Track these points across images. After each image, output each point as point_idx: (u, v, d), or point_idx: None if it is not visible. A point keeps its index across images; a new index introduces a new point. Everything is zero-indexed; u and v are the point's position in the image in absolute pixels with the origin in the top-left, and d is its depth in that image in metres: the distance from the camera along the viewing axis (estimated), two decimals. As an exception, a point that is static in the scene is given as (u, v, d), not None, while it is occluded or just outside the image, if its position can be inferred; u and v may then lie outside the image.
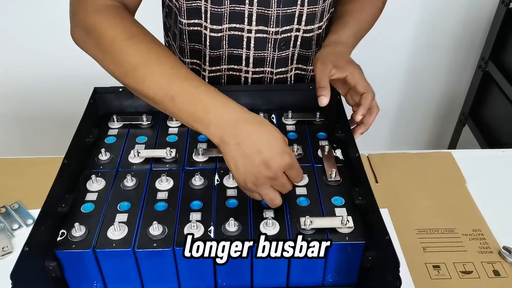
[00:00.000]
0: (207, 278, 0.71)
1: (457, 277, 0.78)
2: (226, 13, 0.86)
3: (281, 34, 0.90)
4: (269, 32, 0.89)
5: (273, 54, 0.93)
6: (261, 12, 0.86)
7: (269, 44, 0.91)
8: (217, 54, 0.93)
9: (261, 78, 0.97)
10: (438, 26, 1.89)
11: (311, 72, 1.00)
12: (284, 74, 0.97)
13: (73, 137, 0.80)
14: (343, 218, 0.68)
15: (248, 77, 0.96)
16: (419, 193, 0.94)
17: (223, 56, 0.93)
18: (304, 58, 0.97)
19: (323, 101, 0.81)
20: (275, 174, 0.65)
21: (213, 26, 0.88)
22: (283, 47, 0.92)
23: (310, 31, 0.92)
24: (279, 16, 0.87)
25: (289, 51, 0.94)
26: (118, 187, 0.76)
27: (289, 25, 0.89)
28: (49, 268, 0.66)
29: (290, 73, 0.98)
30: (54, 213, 0.69)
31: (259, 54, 0.93)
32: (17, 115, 1.90)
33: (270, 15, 0.86)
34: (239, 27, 0.88)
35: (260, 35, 0.89)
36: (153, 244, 0.66)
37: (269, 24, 0.88)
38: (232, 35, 0.89)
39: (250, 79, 0.96)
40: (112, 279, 0.70)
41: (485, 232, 0.86)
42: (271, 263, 0.69)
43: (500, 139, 1.80)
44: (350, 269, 0.71)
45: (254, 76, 0.96)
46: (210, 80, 0.97)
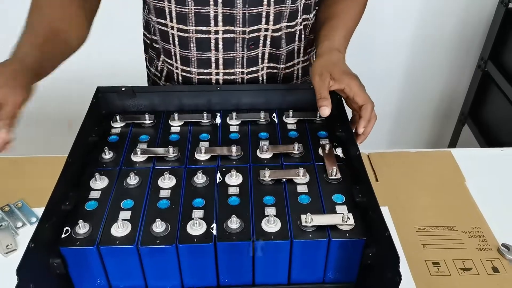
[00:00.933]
0: (209, 275, 0.71)
1: (456, 273, 0.79)
2: (191, 14, 0.87)
3: (249, 34, 0.91)
4: (236, 32, 0.90)
5: (242, 54, 0.94)
6: (227, 13, 0.87)
7: (237, 44, 0.92)
8: (187, 55, 0.94)
9: (232, 79, 0.98)
10: (438, 26, 1.90)
11: (283, 70, 1.00)
12: (255, 73, 0.98)
13: (77, 136, 0.81)
14: (344, 216, 0.69)
15: (219, 78, 0.97)
16: (419, 191, 0.95)
17: (193, 59, 0.94)
18: (275, 56, 0.97)
19: (325, 112, 0.82)
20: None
21: (180, 26, 0.90)
22: (251, 46, 0.93)
23: (278, 30, 0.92)
24: (245, 16, 0.88)
25: (258, 51, 0.95)
26: (121, 185, 0.77)
27: (256, 25, 0.90)
28: (53, 265, 0.67)
29: (261, 72, 0.98)
30: (58, 211, 0.70)
31: (229, 55, 0.94)
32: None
33: (235, 15, 0.87)
34: (206, 29, 0.90)
35: (227, 36, 0.91)
36: (156, 241, 0.67)
37: (236, 24, 0.89)
38: (199, 38, 0.91)
39: (221, 80, 0.97)
40: (115, 276, 0.71)
41: (484, 229, 0.87)
42: (272, 260, 0.70)
43: (499, 138, 1.81)
44: (350, 266, 0.72)
45: (225, 77, 0.97)
46: (183, 79, 0.98)
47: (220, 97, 0.95)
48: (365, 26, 1.82)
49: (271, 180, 0.77)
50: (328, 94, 0.83)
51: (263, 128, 0.91)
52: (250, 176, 0.79)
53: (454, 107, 2.11)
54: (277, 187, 0.76)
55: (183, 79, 0.98)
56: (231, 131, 0.90)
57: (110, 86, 0.92)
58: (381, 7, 1.82)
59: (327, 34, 0.94)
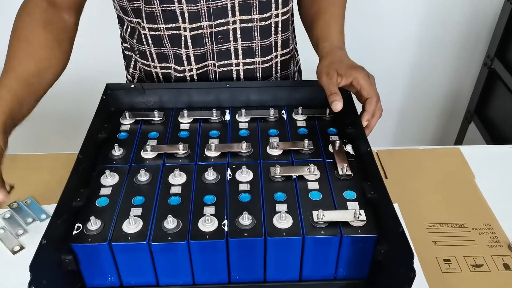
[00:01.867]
0: (220, 272, 0.71)
1: (467, 270, 0.79)
2: (158, 13, 0.88)
3: (216, 28, 0.91)
4: (203, 27, 0.90)
5: (212, 47, 0.94)
6: (192, 9, 0.87)
7: (206, 39, 0.92)
8: (162, 52, 0.95)
9: (205, 72, 0.98)
10: (443, 24, 1.89)
11: (260, 64, 1.00)
12: (227, 67, 0.98)
13: (87, 133, 0.81)
14: (356, 212, 0.69)
15: (193, 74, 0.97)
16: (429, 188, 0.95)
17: (169, 54, 0.95)
18: (248, 50, 0.97)
19: (337, 106, 0.82)
20: None
21: (151, 25, 0.91)
22: (220, 40, 0.93)
23: (249, 21, 0.92)
24: (210, 10, 0.88)
25: (230, 45, 0.94)
26: (132, 182, 0.77)
27: (223, 18, 0.90)
28: (65, 261, 0.66)
29: (236, 67, 0.98)
30: (70, 207, 0.70)
31: (198, 51, 0.94)
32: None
33: (200, 10, 0.88)
34: (176, 26, 0.90)
35: (195, 32, 0.91)
36: (168, 237, 0.67)
37: (201, 19, 0.89)
38: (172, 34, 0.91)
39: (195, 76, 0.98)
40: (127, 273, 0.71)
41: (494, 226, 0.87)
42: (284, 257, 0.70)
43: (506, 136, 1.80)
44: (362, 262, 0.71)
45: (199, 72, 0.97)
46: (163, 76, 1.00)
47: (229, 94, 0.94)
48: (371, 24, 1.83)
49: (282, 176, 0.77)
50: (337, 90, 0.83)
51: (272, 125, 0.90)
52: (260, 172, 0.79)
53: (460, 105, 2.10)
54: (288, 184, 0.76)
55: (163, 77, 0.99)
56: (240, 128, 0.89)
57: (119, 83, 0.93)
58: (388, 5, 1.82)
59: (322, 34, 0.94)
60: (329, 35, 0.93)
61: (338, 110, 0.82)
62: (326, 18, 0.95)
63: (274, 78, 1.03)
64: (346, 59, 0.89)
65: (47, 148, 0.98)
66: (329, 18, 0.95)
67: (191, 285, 0.73)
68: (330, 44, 0.92)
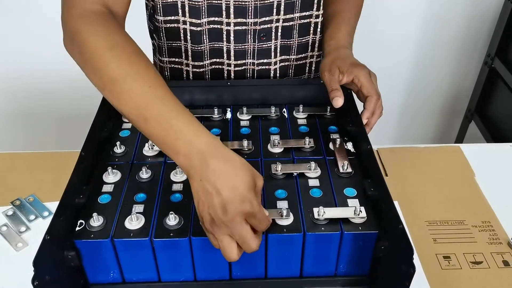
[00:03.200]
0: (222, 268, 0.72)
1: (467, 267, 0.79)
2: (204, 7, 0.87)
3: (260, 25, 0.91)
4: (248, 24, 0.90)
5: (253, 45, 0.94)
6: (238, 4, 0.88)
7: (248, 36, 0.92)
8: (199, 49, 0.94)
9: (243, 70, 0.98)
10: (444, 23, 1.90)
11: (294, 62, 1.01)
12: (266, 65, 0.98)
13: (89, 131, 0.81)
14: (356, 209, 0.69)
15: (230, 70, 0.97)
16: (429, 186, 0.95)
17: (205, 50, 0.94)
18: (286, 48, 0.97)
19: (338, 102, 0.82)
20: (232, 220, 0.58)
21: (192, 20, 0.89)
22: (263, 38, 0.94)
23: (290, 20, 0.93)
24: (257, 7, 0.88)
25: (271, 43, 0.95)
26: (134, 179, 0.77)
27: (267, 16, 0.90)
28: (68, 257, 0.67)
29: (274, 66, 0.99)
30: (72, 204, 0.71)
31: (240, 47, 0.94)
32: (30, 113, 1.93)
33: (247, 6, 0.88)
34: (218, 20, 0.90)
35: (239, 28, 0.91)
36: (170, 234, 0.67)
37: (247, 15, 0.89)
38: (212, 28, 0.91)
39: (232, 72, 0.98)
40: (128, 269, 0.71)
41: (494, 223, 0.87)
42: (285, 253, 0.70)
43: (506, 135, 1.81)
44: (362, 259, 0.72)
45: (236, 69, 0.97)
46: (194, 75, 0.98)
47: (230, 92, 0.95)
48: (372, 22, 1.83)
49: (283, 174, 0.78)
50: (339, 86, 0.84)
51: (273, 123, 0.91)
52: (261, 170, 0.79)
53: (460, 104, 2.11)
54: (289, 181, 0.77)
55: (194, 75, 0.98)
56: (241, 126, 0.90)
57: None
58: (389, 4, 1.83)
59: (331, 33, 0.95)
60: (337, 34, 0.94)
61: (338, 106, 0.82)
62: (338, 21, 0.97)
63: (307, 77, 1.05)
64: (350, 57, 0.90)
65: (49, 146, 0.99)
66: (340, 21, 0.96)
67: (193, 282, 0.73)
68: (336, 42, 0.93)
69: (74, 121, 1.68)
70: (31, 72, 1.85)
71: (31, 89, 1.88)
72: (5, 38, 1.76)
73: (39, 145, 1.98)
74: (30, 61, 1.83)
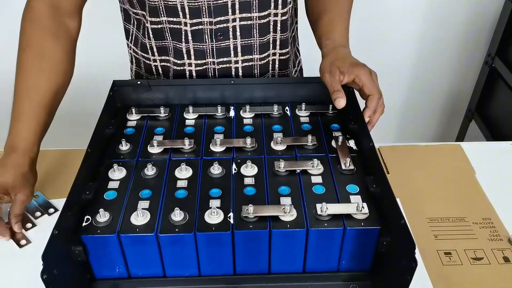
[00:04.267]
0: (226, 264, 0.73)
1: (468, 263, 0.80)
2: (161, 6, 0.90)
3: (216, 25, 0.92)
4: (204, 23, 0.92)
5: (211, 44, 0.95)
6: (192, 5, 0.89)
7: (206, 36, 0.94)
8: (162, 45, 0.97)
9: (204, 69, 0.99)
10: (445, 23, 1.91)
11: (258, 61, 1.01)
12: (226, 64, 0.99)
13: (95, 128, 0.82)
14: (358, 205, 0.70)
15: (192, 69, 0.99)
16: (430, 183, 0.96)
17: (169, 47, 0.97)
18: (248, 48, 0.98)
19: (340, 103, 0.83)
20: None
21: (152, 19, 0.93)
22: (220, 37, 0.95)
23: (248, 19, 0.94)
24: (210, 7, 0.90)
25: (229, 42, 0.96)
26: (139, 176, 0.78)
27: (223, 16, 0.92)
28: (75, 252, 0.68)
29: (235, 65, 0.99)
30: (79, 200, 0.72)
31: (199, 46, 0.95)
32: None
33: (200, 6, 0.90)
34: (176, 20, 0.92)
35: (196, 28, 0.93)
36: (175, 229, 0.68)
37: (202, 15, 0.91)
38: (172, 28, 0.93)
39: (194, 71, 0.99)
40: (134, 264, 0.72)
41: (494, 220, 0.88)
42: (288, 249, 0.71)
43: (506, 134, 1.81)
44: (365, 254, 0.73)
45: (198, 68, 0.99)
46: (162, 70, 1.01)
47: (233, 91, 0.96)
48: (373, 22, 1.84)
49: (286, 171, 0.79)
50: (340, 87, 0.84)
51: (276, 121, 0.92)
52: (265, 167, 0.80)
53: (461, 103, 2.12)
54: (292, 178, 0.78)
55: (162, 70, 1.01)
56: (245, 124, 0.91)
57: (126, 80, 0.94)
58: (390, 4, 1.84)
59: (326, 32, 0.95)
60: (333, 33, 0.95)
61: (341, 107, 0.83)
62: (331, 17, 0.97)
63: (271, 74, 1.05)
64: (349, 57, 0.90)
65: (54, 144, 1.00)
66: (334, 17, 0.97)
67: (197, 277, 0.74)
68: (333, 42, 0.93)
69: (80, 119, 1.68)
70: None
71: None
72: (5, 37, 1.76)
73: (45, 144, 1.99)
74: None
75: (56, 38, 0.89)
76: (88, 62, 1.52)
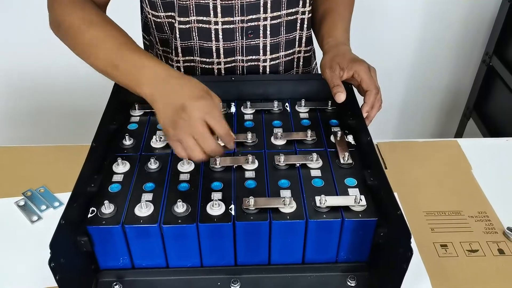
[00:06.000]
0: (227, 254, 0.75)
1: (463, 255, 0.82)
2: (192, 5, 0.91)
3: (247, 23, 0.94)
4: (235, 22, 0.94)
5: (242, 42, 0.97)
6: (225, 4, 0.91)
7: (237, 34, 0.96)
8: (187, 45, 0.98)
9: (233, 66, 1.01)
10: (443, 22, 1.92)
11: (283, 58, 1.03)
12: (255, 61, 1.01)
13: (99, 123, 0.84)
14: (356, 197, 0.72)
15: (220, 68, 1.01)
16: (427, 178, 0.98)
17: (195, 47, 0.98)
18: (275, 45, 1.00)
19: (341, 97, 0.85)
20: (191, 117, 0.69)
21: (181, 19, 0.93)
22: (250, 35, 0.97)
23: (277, 18, 0.96)
24: (243, 5, 0.91)
25: (259, 41, 0.98)
26: (143, 170, 0.80)
27: (254, 14, 0.93)
28: (81, 242, 0.70)
29: (263, 63, 1.01)
30: (85, 192, 0.74)
31: (228, 45, 0.97)
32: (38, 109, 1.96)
33: (234, 5, 0.91)
34: (206, 19, 0.93)
35: (227, 26, 0.94)
36: (178, 220, 0.70)
37: (234, 13, 0.92)
38: (200, 27, 0.94)
39: (223, 69, 1.01)
40: (138, 255, 0.74)
41: (490, 214, 0.90)
42: (288, 240, 0.73)
43: (503, 131, 1.83)
44: (362, 245, 0.75)
45: (227, 66, 1.00)
46: (185, 70, 1.02)
47: (234, 87, 0.98)
48: (373, 21, 1.86)
49: (286, 164, 0.80)
50: (340, 82, 0.87)
51: (276, 116, 0.94)
52: (265, 161, 0.82)
53: (459, 101, 2.14)
54: (292, 172, 0.80)
55: (185, 70, 1.02)
56: (245, 120, 0.93)
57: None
58: (389, 3, 1.85)
59: (328, 31, 0.98)
60: (334, 32, 0.97)
61: (341, 101, 0.85)
62: (333, 17, 0.99)
63: (295, 72, 1.08)
64: (349, 53, 0.92)
65: (59, 140, 1.02)
66: (336, 18, 0.99)
67: (199, 267, 0.76)
68: (334, 39, 0.96)
69: (84, 116, 1.70)
70: (35, 70, 1.88)
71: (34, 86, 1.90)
72: (6, 36, 1.78)
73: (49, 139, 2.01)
74: (33, 60, 1.86)
75: (93, 4, 0.86)
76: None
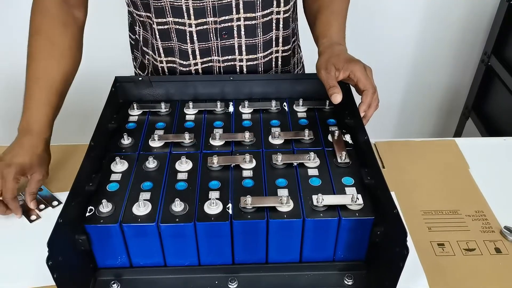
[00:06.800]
0: (225, 253, 0.75)
1: (460, 254, 0.82)
2: (167, 7, 0.92)
3: (221, 24, 0.95)
4: (208, 23, 0.94)
5: (216, 43, 0.98)
6: (197, 6, 0.92)
7: (211, 35, 0.96)
8: (168, 46, 0.99)
9: (209, 66, 1.01)
10: (442, 22, 1.93)
11: (262, 60, 1.03)
12: (231, 61, 1.01)
13: (98, 123, 0.84)
14: (353, 196, 0.72)
15: (198, 68, 1.01)
16: (424, 177, 0.98)
17: (175, 49, 0.99)
18: (252, 46, 1.00)
19: (337, 98, 0.85)
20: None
21: (158, 20, 0.95)
22: (224, 36, 0.97)
23: (252, 19, 0.96)
24: (215, 7, 0.92)
25: (234, 41, 0.98)
26: (141, 169, 0.80)
27: (227, 15, 0.94)
28: (78, 241, 0.70)
29: (239, 63, 1.02)
30: (83, 191, 0.74)
31: (204, 45, 0.98)
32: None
33: (205, 6, 0.92)
34: (181, 21, 0.94)
35: (201, 28, 0.95)
36: (176, 219, 0.71)
37: (207, 15, 0.93)
38: (178, 29, 0.95)
39: (200, 70, 1.01)
40: (136, 253, 0.74)
41: (487, 213, 0.90)
42: (285, 239, 0.74)
43: (502, 132, 1.84)
44: (359, 244, 0.75)
45: (204, 66, 1.01)
46: (168, 71, 1.04)
47: (232, 87, 0.98)
48: (372, 21, 1.87)
49: (283, 164, 0.81)
50: (336, 83, 0.87)
51: (274, 116, 0.94)
52: (263, 160, 0.82)
53: (458, 101, 2.14)
54: (289, 171, 0.80)
55: (168, 70, 1.03)
56: (243, 119, 0.93)
57: (128, 76, 0.96)
58: (388, 3, 1.86)
59: (323, 30, 0.98)
60: (329, 31, 0.97)
61: (337, 102, 0.86)
62: (327, 15, 0.99)
63: (274, 71, 1.07)
64: (344, 54, 0.92)
65: (57, 140, 1.02)
66: (330, 15, 0.99)
67: (197, 266, 0.76)
68: (328, 39, 0.96)
69: (83, 115, 1.70)
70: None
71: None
72: (6, 36, 1.78)
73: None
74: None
75: (64, 26, 0.93)
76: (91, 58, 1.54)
